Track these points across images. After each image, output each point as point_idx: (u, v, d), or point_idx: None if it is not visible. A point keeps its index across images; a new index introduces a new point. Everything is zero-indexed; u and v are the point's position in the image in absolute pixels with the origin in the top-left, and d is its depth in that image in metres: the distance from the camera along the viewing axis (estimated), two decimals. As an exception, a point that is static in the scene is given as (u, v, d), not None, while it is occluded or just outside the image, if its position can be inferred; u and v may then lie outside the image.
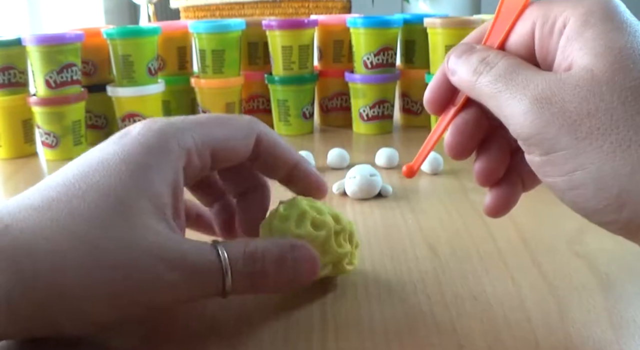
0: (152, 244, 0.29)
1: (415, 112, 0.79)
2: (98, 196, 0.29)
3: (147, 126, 0.32)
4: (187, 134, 0.32)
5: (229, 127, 0.34)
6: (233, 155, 0.34)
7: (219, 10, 1.70)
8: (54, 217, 0.28)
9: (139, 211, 0.29)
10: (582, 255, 0.40)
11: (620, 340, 0.30)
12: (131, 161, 0.30)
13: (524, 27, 0.30)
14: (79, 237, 0.28)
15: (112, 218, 0.28)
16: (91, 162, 0.30)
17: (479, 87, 0.29)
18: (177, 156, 0.31)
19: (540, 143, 0.27)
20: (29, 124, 0.69)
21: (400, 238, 0.43)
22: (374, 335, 0.31)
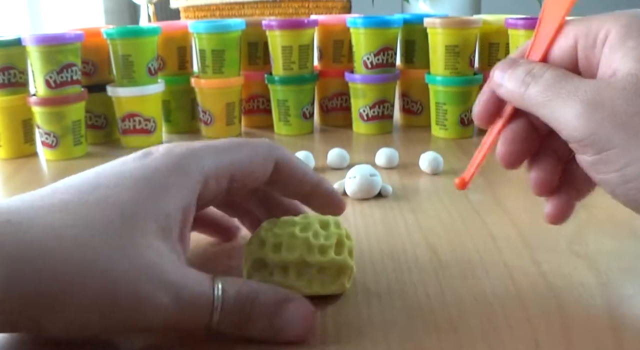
0: (150, 263, 0.28)
1: (415, 112, 0.79)
2: (109, 207, 0.29)
3: (169, 149, 0.32)
4: (208, 160, 0.32)
5: (248, 152, 0.34)
6: (251, 179, 0.34)
7: (219, 10, 1.70)
8: (60, 220, 0.28)
9: (146, 230, 0.29)
10: (582, 255, 0.40)
11: (621, 341, 0.30)
12: (150, 180, 0.30)
13: (566, 41, 0.32)
14: (81, 243, 0.28)
15: (117, 231, 0.28)
16: (110, 174, 0.31)
17: (528, 98, 0.32)
18: (195, 181, 0.32)
19: (594, 143, 0.29)
20: (29, 124, 0.69)
21: (400, 238, 0.43)
22: (374, 335, 0.31)
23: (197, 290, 0.29)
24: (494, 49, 0.74)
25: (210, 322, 0.30)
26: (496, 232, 0.44)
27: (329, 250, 0.34)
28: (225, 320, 0.30)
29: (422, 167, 0.59)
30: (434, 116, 0.73)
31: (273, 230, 0.34)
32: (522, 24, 0.66)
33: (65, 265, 0.27)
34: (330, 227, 0.35)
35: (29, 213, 0.28)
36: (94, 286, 0.27)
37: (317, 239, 0.34)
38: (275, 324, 0.30)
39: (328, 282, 0.34)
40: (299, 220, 0.35)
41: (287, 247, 0.33)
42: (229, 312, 0.30)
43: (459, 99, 0.71)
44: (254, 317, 0.30)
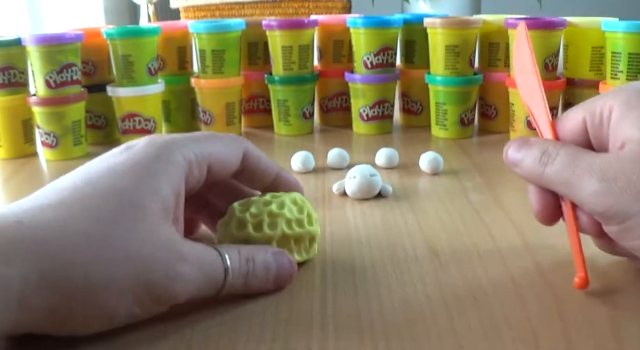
0: (165, 239, 0.31)
1: (415, 112, 0.79)
2: (110, 196, 0.30)
3: (151, 140, 0.34)
4: (190, 148, 0.34)
5: (222, 143, 0.37)
6: (225, 168, 0.37)
7: (219, 10, 1.70)
8: (68, 215, 0.29)
9: (150, 211, 0.31)
10: (582, 255, 0.40)
11: (621, 341, 0.30)
12: (140, 167, 0.32)
13: (575, 124, 0.35)
14: (94, 233, 0.29)
15: (124, 216, 0.30)
16: (99, 169, 0.32)
17: (547, 177, 0.34)
18: (181, 166, 0.33)
19: (615, 214, 0.31)
20: (29, 124, 0.69)
21: (400, 238, 0.43)
22: (374, 335, 0.31)
23: (212, 259, 0.33)
24: (494, 49, 0.74)
25: (224, 286, 0.33)
26: (496, 232, 0.44)
27: (303, 222, 0.38)
28: (235, 283, 0.33)
29: (422, 167, 0.59)
30: (434, 116, 0.73)
31: (250, 211, 0.37)
32: (522, 24, 0.66)
33: (88, 255, 0.28)
34: (298, 202, 0.38)
35: (37, 213, 0.29)
36: (123, 269, 0.29)
37: (292, 214, 0.38)
38: (271, 275, 0.35)
39: (303, 251, 0.38)
40: (270, 199, 0.38)
41: (269, 224, 0.37)
42: (237, 274, 0.33)
43: (459, 99, 0.71)
44: (255, 274, 0.34)
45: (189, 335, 0.32)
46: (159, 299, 0.30)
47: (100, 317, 0.29)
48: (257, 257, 0.34)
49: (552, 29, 0.66)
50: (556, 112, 0.69)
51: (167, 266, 0.30)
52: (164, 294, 0.30)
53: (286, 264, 0.36)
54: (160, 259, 0.30)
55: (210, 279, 0.32)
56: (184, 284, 0.31)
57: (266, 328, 0.32)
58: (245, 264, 0.34)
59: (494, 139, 0.72)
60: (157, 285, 0.30)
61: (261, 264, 0.34)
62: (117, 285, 0.29)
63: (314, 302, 0.34)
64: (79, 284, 0.28)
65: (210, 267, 0.32)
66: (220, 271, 0.33)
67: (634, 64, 0.61)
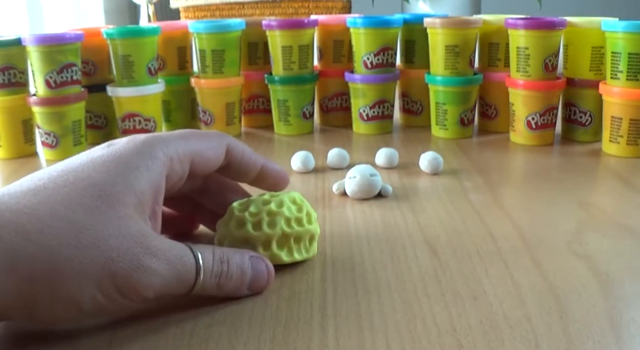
0: (136, 233, 0.31)
1: (415, 112, 0.79)
2: (87, 186, 0.31)
3: (133, 137, 0.35)
4: (171, 144, 0.35)
5: (204, 139, 0.37)
6: (209, 163, 0.37)
7: (219, 10, 1.70)
8: (44, 201, 0.30)
9: (125, 203, 0.31)
10: (582, 255, 0.40)
11: (620, 340, 0.30)
12: (120, 161, 0.32)
13: None
14: (69, 220, 0.29)
15: (100, 206, 0.30)
16: (80, 161, 0.33)
17: None
18: (162, 162, 0.34)
19: None
20: (29, 124, 0.69)
21: (400, 238, 0.43)
22: (374, 335, 0.31)
23: (184, 256, 0.32)
24: (494, 49, 0.74)
25: (195, 285, 0.33)
26: (496, 232, 0.44)
27: (302, 221, 0.38)
28: (207, 282, 0.33)
29: (422, 167, 0.59)
30: (434, 116, 0.73)
31: (249, 210, 0.37)
32: (522, 24, 0.66)
33: (56, 240, 0.29)
34: (297, 201, 0.39)
35: (8, 198, 0.30)
36: (88, 255, 0.29)
37: (291, 213, 0.38)
38: (246, 279, 0.35)
39: (303, 249, 0.38)
40: (269, 198, 0.38)
41: (268, 222, 0.37)
42: (209, 274, 0.33)
43: (459, 99, 0.71)
44: (229, 275, 0.34)
45: (188, 335, 0.32)
46: (123, 290, 0.30)
47: (65, 304, 0.29)
48: (232, 259, 0.34)
49: (552, 29, 0.66)
50: (556, 112, 0.69)
51: (134, 258, 0.30)
52: (128, 285, 0.30)
53: (262, 270, 0.35)
54: (127, 250, 0.30)
55: (180, 276, 0.32)
56: (150, 277, 0.31)
57: (266, 328, 0.32)
58: (220, 264, 0.34)
59: (494, 139, 0.72)
60: (121, 275, 0.30)
61: (236, 266, 0.34)
62: (81, 271, 0.29)
63: (314, 302, 0.35)
64: (45, 267, 0.28)
65: (180, 264, 0.32)
66: (191, 269, 0.32)
67: (634, 64, 0.61)
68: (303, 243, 0.38)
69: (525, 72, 0.67)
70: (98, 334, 0.32)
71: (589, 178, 0.58)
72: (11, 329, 0.32)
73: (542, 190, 0.54)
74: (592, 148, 0.67)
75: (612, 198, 0.52)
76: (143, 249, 0.31)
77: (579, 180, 0.56)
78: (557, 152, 0.66)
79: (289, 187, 0.56)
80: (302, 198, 0.39)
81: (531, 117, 0.68)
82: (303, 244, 0.38)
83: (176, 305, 0.34)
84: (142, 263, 0.30)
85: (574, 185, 0.54)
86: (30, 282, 0.28)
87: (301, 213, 0.38)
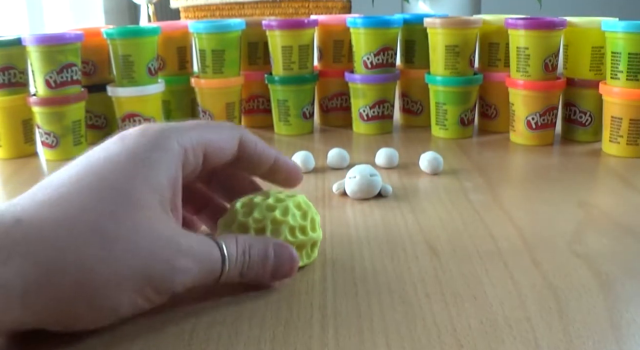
0: (166, 234, 0.31)
1: (415, 112, 0.79)
2: (108, 190, 0.31)
3: (145, 127, 0.34)
4: (184, 135, 0.34)
5: (217, 129, 0.36)
6: (222, 154, 0.36)
7: (219, 10, 1.70)
8: (67, 211, 0.29)
9: (147, 204, 0.31)
10: (582, 255, 0.40)
11: (620, 340, 0.30)
12: (136, 157, 0.32)
13: None
14: (99, 231, 0.29)
15: (123, 210, 0.30)
16: (97, 160, 0.32)
17: None
18: (176, 153, 0.33)
19: None
20: (29, 124, 0.69)
21: (400, 238, 0.43)
22: (374, 335, 0.31)
23: (210, 250, 0.33)
24: (494, 49, 0.74)
25: (221, 276, 0.33)
26: (496, 232, 0.44)
27: (306, 229, 0.38)
28: (232, 272, 0.34)
29: (422, 167, 0.59)
30: (434, 116, 0.73)
31: (253, 215, 0.37)
32: (522, 24, 0.66)
33: (89, 251, 0.29)
34: (302, 205, 0.38)
35: (36, 210, 0.29)
36: (124, 264, 0.29)
37: (296, 221, 0.37)
38: (268, 266, 0.35)
39: (305, 256, 0.38)
40: (274, 203, 0.37)
41: (272, 230, 0.37)
42: (234, 264, 0.34)
43: (459, 99, 0.71)
44: (251, 264, 0.34)
45: (188, 335, 0.32)
46: (159, 290, 0.31)
47: (104, 312, 0.30)
48: (254, 248, 0.35)
49: (552, 29, 0.66)
50: (556, 112, 0.69)
51: (166, 260, 0.31)
52: (165, 286, 0.31)
53: (286, 257, 0.35)
54: (161, 253, 0.31)
55: (208, 270, 0.33)
56: (183, 275, 0.31)
57: (266, 328, 0.32)
58: (242, 254, 0.34)
59: (494, 139, 0.72)
60: (158, 277, 0.31)
61: (258, 255, 0.35)
62: (119, 280, 0.29)
63: (314, 302, 0.35)
64: (81, 280, 0.28)
65: (208, 259, 0.33)
66: (218, 262, 0.33)
67: (634, 64, 0.61)
68: (305, 250, 0.38)
69: (525, 72, 0.67)
70: (98, 333, 0.32)
71: (589, 178, 0.58)
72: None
73: (542, 190, 0.54)
74: (592, 148, 0.67)
75: (612, 198, 0.52)
76: (175, 250, 0.31)
77: (579, 180, 0.56)
78: (557, 152, 0.66)
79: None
80: (308, 202, 0.39)
81: (531, 117, 0.68)
82: (305, 251, 0.38)
83: (176, 305, 0.34)
84: (175, 264, 0.31)
85: (574, 185, 0.54)
86: (67, 296, 0.28)
87: (305, 220, 0.38)
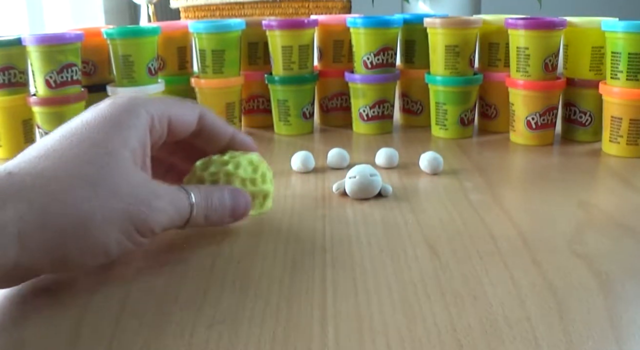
0: (142, 180, 0.36)
1: (415, 112, 0.79)
2: (91, 146, 0.35)
3: (116, 98, 0.39)
4: (151, 105, 0.39)
5: (180, 104, 0.41)
6: (184, 126, 0.41)
7: (219, 10, 1.70)
8: (58, 163, 0.34)
9: (125, 158, 0.36)
10: (582, 255, 0.40)
11: (620, 340, 0.30)
12: (112, 120, 0.37)
13: None
14: (84, 176, 0.34)
15: (106, 162, 0.35)
16: (77, 125, 0.37)
17: None
18: (145, 119, 0.38)
19: None
20: (29, 124, 0.69)
21: (400, 238, 0.43)
22: (374, 335, 0.31)
23: (180, 194, 0.38)
24: (494, 49, 0.74)
25: (189, 219, 0.38)
26: (496, 232, 0.44)
27: (257, 181, 0.43)
28: (198, 215, 0.39)
29: (422, 167, 0.59)
30: (434, 116, 0.73)
31: (209, 169, 0.42)
32: (522, 24, 0.66)
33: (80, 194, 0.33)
34: (254, 162, 0.43)
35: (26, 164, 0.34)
36: (111, 204, 0.34)
37: (247, 173, 0.43)
38: (227, 208, 0.41)
39: (257, 205, 0.44)
40: (229, 159, 0.43)
41: (224, 182, 0.42)
42: (200, 207, 0.39)
43: (459, 99, 0.71)
44: (214, 207, 0.40)
45: (188, 335, 0.32)
46: (141, 229, 0.35)
47: (94, 251, 0.34)
48: (214, 194, 0.40)
49: (552, 29, 0.66)
50: (556, 112, 0.69)
51: (146, 201, 0.35)
52: (145, 225, 0.35)
53: (241, 199, 0.41)
54: (140, 195, 0.35)
55: (180, 212, 0.38)
56: (160, 215, 0.36)
57: (266, 328, 0.32)
58: (205, 199, 0.39)
59: (494, 139, 0.72)
60: (140, 216, 0.35)
61: (218, 199, 0.40)
62: (106, 219, 0.33)
63: (314, 302, 0.35)
64: (73, 222, 0.32)
65: (179, 202, 0.38)
66: (186, 206, 0.38)
67: (634, 64, 0.61)
68: (258, 200, 0.44)
69: (525, 72, 0.67)
70: (98, 333, 0.32)
71: (589, 178, 0.58)
72: (13, 327, 0.32)
73: (542, 190, 0.54)
74: (592, 148, 0.67)
75: (612, 198, 0.52)
76: (151, 192, 0.36)
77: (579, 180, 0.56)
78: (557, 152, 0.66)
79: (290, 186, 0.56)
80: (261, 159, 0.44)
81: (531, 117, 0.68)
82: (258, 201, 0.44)
83: (176, 305, 0.34)
84: (152, 204, 0.36)
85: (574, 185, 0.54)
86: (60, 236, 0.32)
87: (256, 174, 0.43)
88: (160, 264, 0.39)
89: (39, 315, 0.34)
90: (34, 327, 0.32)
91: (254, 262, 0.40)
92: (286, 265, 0.39)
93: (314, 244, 0.42)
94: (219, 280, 0.37)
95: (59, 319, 0.33)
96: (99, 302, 0.35)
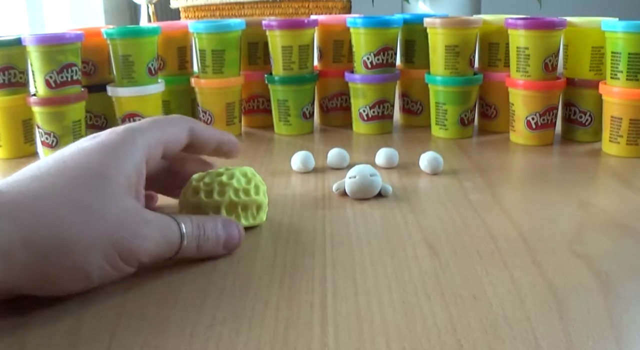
0: (132, 207, 0.36)
1: (415, 112, 0.79)
2: (84, 170, 0.35)
3: (114, 129, 0.39)
4: (147, 133, 0.39)
5: (171, 125, 0.42)
6: (176, 146, 0.42)
7: (219, 10, 1.70)
8: (49, 185, 0.34)
9: (118, 184, 0.36)
10: (582, 255, 0.40)
11: (620, 340, 0.30)
12: (108, 148, 0.37)
13: None
14: (73, 199, 0.33)
15: (95, 186, 0.35)
16: (72, 151, 0.37)
17: None
18: (142, 148, 0.39)
19: None
20: (29, 124, 0.69)
21: (400, 238, 0.43)
22: (374, 335, 0.31)
23: (170, 224, 0.37)
24: (494, 49, 0.74)
25: (180, 249, 0.38)
26: (496, 232, 0.44)
27: (250, 192, 0.44)
28: (189, 245, 0.38)
29: (422, 167, 0.59)
30: (434, 116, 0.73)
31: (204, 180, 0.43)
32: (522, 24, 0.66)
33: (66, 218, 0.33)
34: (248, 174, 0.44)
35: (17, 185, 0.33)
36: (96, 230, 0.33)
37: (240, 184, 0.43)
38: (220, 238, 0.40)
39: (250, 217, 0.44)
40: (224, 171, 0.44)
41: (218, 192, 0.43)
42: (191, 238, 0.38)
43: (459, 99, 0.71)
44: (206, 238, 0.39)
45: (188, 335, 0.32)
46: (126, 257, 0.35)
47: (75, 275, 0.33)
48: (207, 225, 0.40)
49: (552, 29, 0.66)
50: (556, 112, 0.69)
51: (133, 228, 0.35)
52: (130, 253, 0.35)
53: (234, 231, 0.41)
54: (127, 222, 0.35)
55: (169, 242, 0.37)
56: (147, 244, 0.35)
57: (266, 328, 0.32)
58: (197, 228, 0.39)
59: (494, 139, 0.72)
60: (125, 244, 0.34)
61: (211, 230, 0.40)
62: (90, 244, 0.33)
63: (314, 302, 0.35)
64: (57, 244, 0.32)
65: (168, 231, 0.37)
66: (177, 235, 0.38)
67: (634, 64, 0.61)
68: (250, 211, 0.44)
69: (525, 72, 0.67)
70: (98, 333, 0.32)
71: (589, 178, 0.58)
72: (13, 327, 0.32)
73: (542, 190, 0.54)
74: (592, 148, 0.67)
75: (612, 198, 0.52)
76: (139, 219, 0.35)
77: (579, 180, 0.56)
78: (557, 152, 0.66)
79: (290, 186, 0.56)
80: (254, 172, 0.45)
81: (531, 117, 0.68)
82: (250, 212, 0.44)
83: (176, 305, 0.34)
84: (140, 232, 0.35)
85: (574, 185, 0.54)
86: (43, 257, 0.32)
87: (249, 185, 0.44)
88: (160, 264, 0.39)
89: (39, 315, 0.34)
90: (34, 327, 0.33)
91: (254, 262, 0.40)
92: (286, 265, 0.39)
93: (314, 244, 0.42)
94: (219, 280, 0.37)
95: (59, 319, 0.33)
96: (99, 302, 0.35)
